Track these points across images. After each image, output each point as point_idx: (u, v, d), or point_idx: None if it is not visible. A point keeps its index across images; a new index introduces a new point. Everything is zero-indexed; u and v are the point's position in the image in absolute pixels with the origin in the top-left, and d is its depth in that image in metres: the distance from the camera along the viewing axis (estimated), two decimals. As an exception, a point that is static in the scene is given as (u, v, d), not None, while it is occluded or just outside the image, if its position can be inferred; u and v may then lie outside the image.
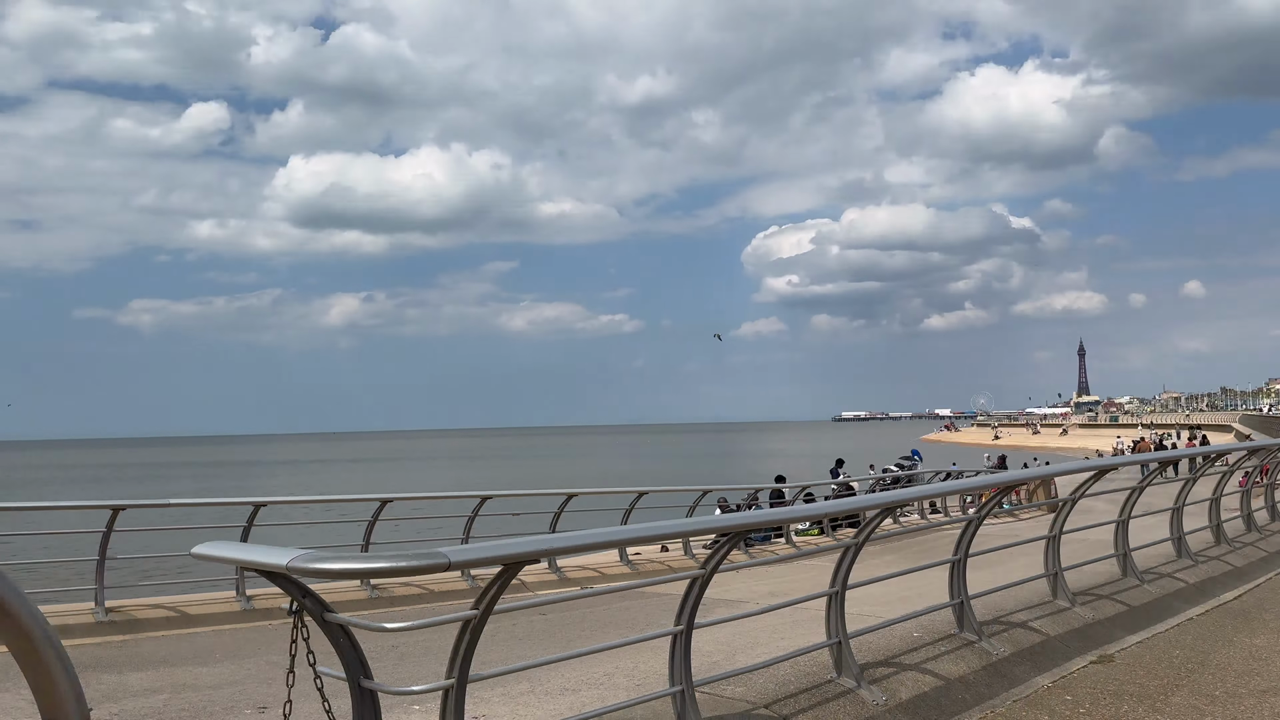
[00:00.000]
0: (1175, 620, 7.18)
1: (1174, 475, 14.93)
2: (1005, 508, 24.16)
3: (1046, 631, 6.46)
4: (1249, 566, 9.29)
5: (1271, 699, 5.31)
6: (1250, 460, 13.64)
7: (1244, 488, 12.30)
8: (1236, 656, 6.19)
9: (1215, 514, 10.27)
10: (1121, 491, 8.49)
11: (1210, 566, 8.92)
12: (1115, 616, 7.00)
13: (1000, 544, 8.30)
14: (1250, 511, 11.40)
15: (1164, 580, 8.12)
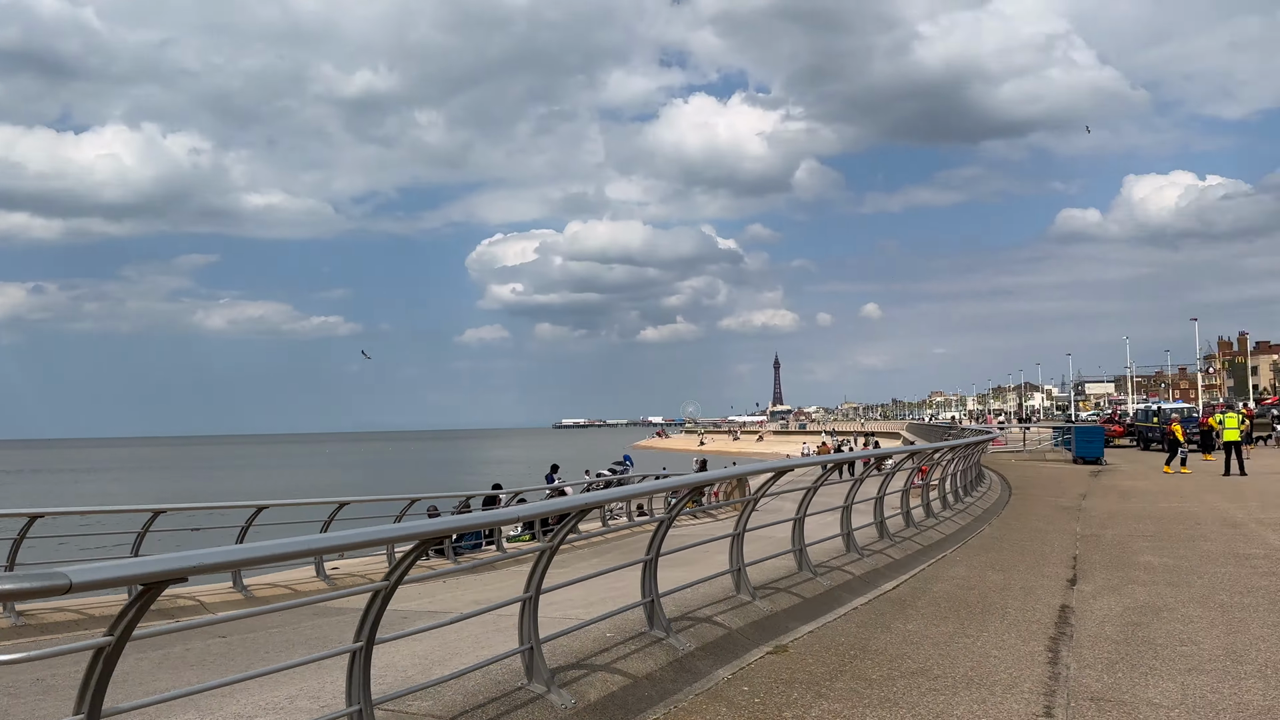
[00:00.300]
0: (843, 610, 7.78)
1: (849, 476, 16.37)
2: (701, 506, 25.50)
3: (729, 625, 6.76)
4: (906, 559, 10.30)
5: (919, 679, 5.85)
6: (910, 463, 15.24)
7: (905, 487, 13.66)
8: (893, 641, 6.79)
9: (879, 511, 11.29)
10: (803, 491, 9.12)
11: (874, 559, 9.79)
12: (791, 608, 7.47)
13: (695, 542, 8.62)
14: (909, 509, 12.68)
15: (834, 573, 8.79)
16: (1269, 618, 7.28)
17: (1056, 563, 10.46)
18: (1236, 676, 5.72)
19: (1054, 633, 7.06)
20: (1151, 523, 14.06)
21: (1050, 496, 19.12)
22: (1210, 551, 10.93)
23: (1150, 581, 9.09)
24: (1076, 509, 16.53)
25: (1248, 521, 13.67)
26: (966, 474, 19.31)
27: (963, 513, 14.96)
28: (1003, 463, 31.56)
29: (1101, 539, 12.41)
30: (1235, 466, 23.84)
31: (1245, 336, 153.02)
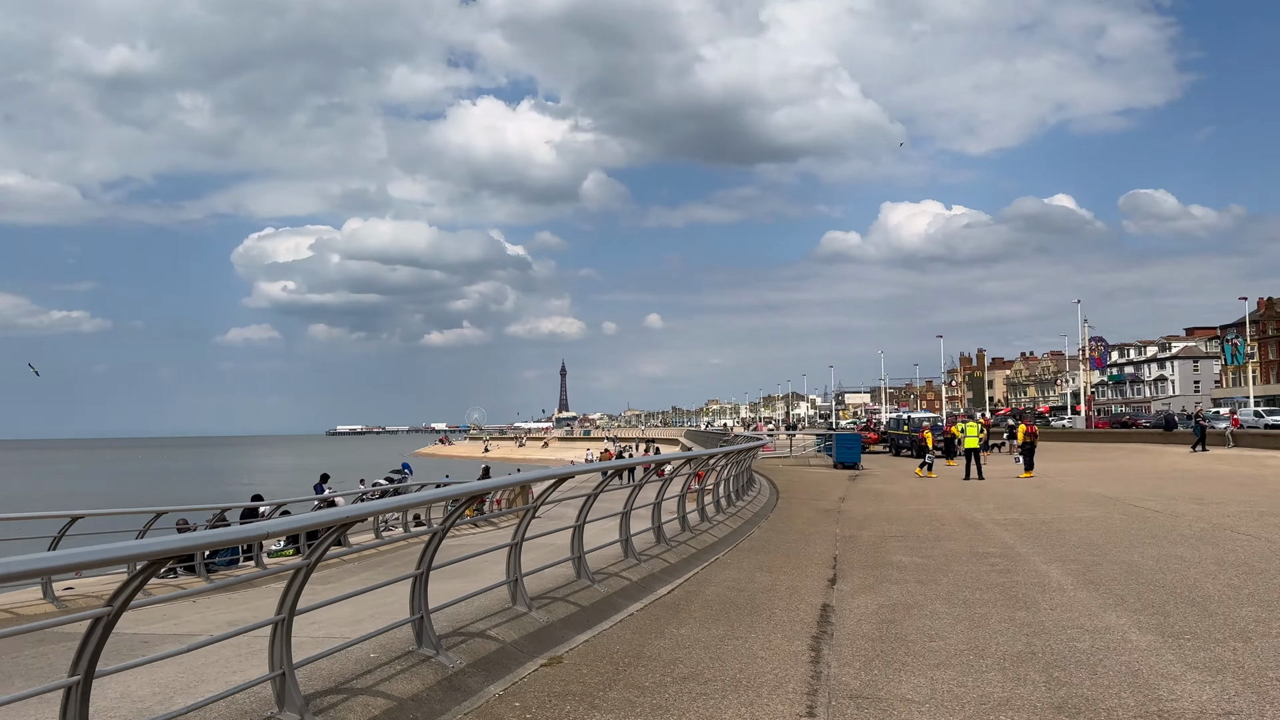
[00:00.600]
0: (619, 616, 7.74)
1: (630, 482, 16.53)
2: (483, 515, 25.04)
3: (503, 639, 6.54)
4: (682, 562, 10.46)
5: (690, 684, 5.87)
6: (687, 468, 15.59)
7: (682, 493, 13.92)
8: (667, 646, 6.80)
9: (657, 517, 11.44)
10: (584, 498, 9.04)
11: (651, 564, 9.86)
12: (567, 618, 7.35)
13: (474, 553, 8.34)
14: (685, 514, 12.94)
15: (612, 580, 8.76)
16: (1005, 612, 7.89)
17: (819, 563, 10.95)
18: (979, 670, 6.12)
19: (816, 632, 7.32)
20: (902, 524, 15.07)
21: (814, 500, 20.15)
22: (954, 550, 11.81)
23: (902, 580, 9.67)
24: (837, 512, 17.48)
25: (985, 522, 14.93)
26: (739, 479, 20.00)
27: (735, 516, 15.45)
28: (771, 468, 33.04)
29: (859, 540, 13.14)
30: (974, 472, 26.10)
31: (983, 353, 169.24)
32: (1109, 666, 6.05)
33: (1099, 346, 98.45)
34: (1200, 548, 11.18)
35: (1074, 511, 16.20)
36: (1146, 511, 15.70)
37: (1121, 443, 48.73)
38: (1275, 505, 15.94)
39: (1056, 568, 10.15)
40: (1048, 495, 19.77)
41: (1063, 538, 12.67)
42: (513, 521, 27.14)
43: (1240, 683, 5.55)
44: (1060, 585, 9.08)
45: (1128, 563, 10.30)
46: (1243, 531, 12.49)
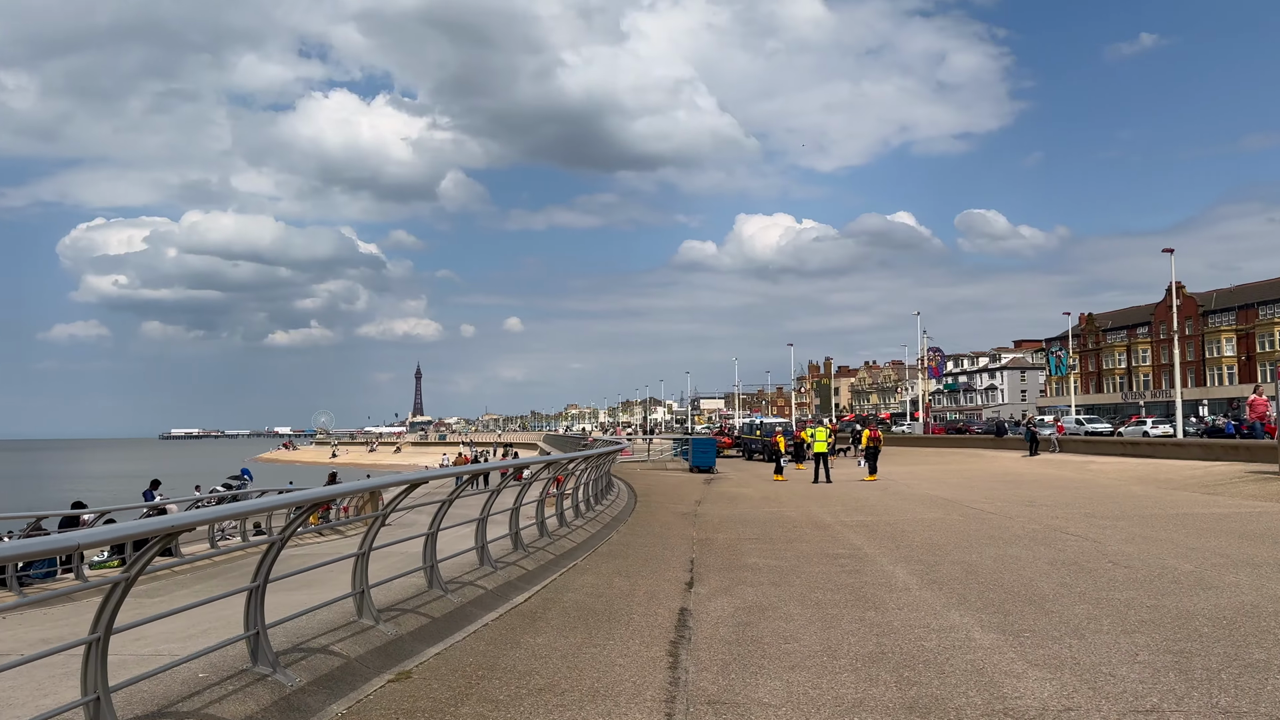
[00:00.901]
0: (473, 627, 7.46)
1: (487, 488, 16.17)
2: (329, 523, 24.08)
3: (348, 654, 6.17)
4: (540, 569, 10.24)
5: (546, 695, 5.68)
6: (546, 473, 15.36)
7: (540, 498, 13.68)
8: (522, 657, 6.58)
9: (515, 522, 11.15)
10: (437, 505, 8.70)
11: (508, 571, 9.60)
12: (418, 630, 7.02)
13: (318, 563, 7.89)
14: (544, 519, 12.70)
15: (467, 589, 8.46)
16: (856, 613, 8.04)
17: (676, 566, 10.95)
18: (833, 671, 6.18)
19: (674, 637, 7.26)
20: (756, 526, 15.31)
21: (671, 504, 20.27)
22: (806, 552, 12.04)
23: (757, 582, 9.75)
24: (693, 515, 17.62)
25: (834, 524, 15.33)
26: (598, 483, 19.91)
27: (594, 520, 15.33)
28: (630, 472, 33.17)
29: (715, 543, 13.24)
30: (823, 475, 26.91)
31: (830, 361, 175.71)
32: (955, 665, 6.22)
33: (936, 356, 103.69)
34: (1033, 548, 11.78)
35: (916, 513, 16.85)
36: (982, 513, 16.49)
37: (956, 448, 51.36)
38: (1099, 507, 17.03)
39: (902, 568, 10.47)
40: (891, 498, 20.54)
41: (907, 539, 13.12)
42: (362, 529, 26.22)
43: (1077, 679, 5.79)
44: (906, 585, 9.36)
45: (967, 563, 10.73)
46: (1071, 532, 13.25)
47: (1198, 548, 11.27)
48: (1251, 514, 14.87)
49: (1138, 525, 13.80)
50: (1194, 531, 12.85)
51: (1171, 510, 15.95)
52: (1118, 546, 11.61)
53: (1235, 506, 16.12)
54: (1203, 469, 23.57)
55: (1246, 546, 11.22)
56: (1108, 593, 8.57)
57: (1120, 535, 12.69)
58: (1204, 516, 14.75)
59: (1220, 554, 10.69)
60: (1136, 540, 12.14)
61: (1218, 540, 11.87)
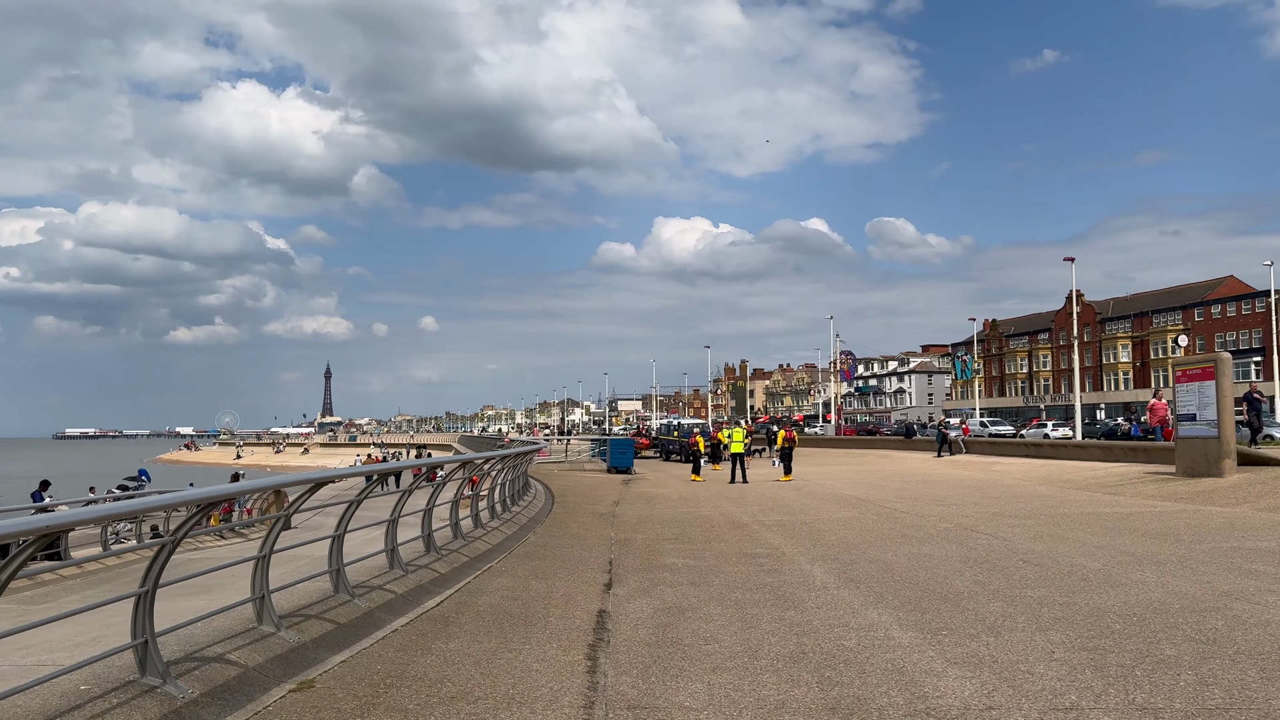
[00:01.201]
0: (382, 633, 7.14)
1: (398, 488, 15.71)
2: (231, 524, 23.19)
3: (245, 663, 5.80)
4: (453, 572, 9.92)
5: (459, 704, 5.42)
6: (461, 473, 15.05)
7: (455, 498, 13.34)
8: (433, 664, 6.30)
9: (427, 524, 10.81)
10: (345, 506, 8.33)
11: (420, 575, 9.26)
12: (322, 637, 6.67)
13: (212, 567, 7.46)
14: (458, 520, 12.38)
15: (376, 593, 8.11)
16: (775, 612, 7.96)
17: (594, 568, 10.75)
18: (754, 672, 6.06)
19: (593, 640, 7.06)
20: (675, 526, 15.21)
21: (589, 504, 20.06)
22: (724, 551, 11.96)
23: (676, 583, 9.62)
24: (611, 515, 17.44)
25: (752, 524, 15.33)
26: (515, 484, 19.59)
27: (510, 522, 15.02)
28: (547, 473, 32.84)
29: (633, 543, 13.09)
30: (740, 475, 27.02)
31: (745, 364, 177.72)
32: (876, 664, 6.16)
33: (848, 360, 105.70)
34: (946, 546, 11.92)
35: (831, 513, 16.98)
36: (895, 512, 16.70)
37: (868, 449, 52.34)
38: (1006, 506, 17.41)
39: (819, 567, 10.46)
40: (807, 498, 20.70)
41: (823, 538, 13.17)
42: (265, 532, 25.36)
43: (997, 677, 5.78)
44: (824, 584, 9.33)
45: (883, 561, 10.79)
46: (981, 531, 13.48)
47: (1104, 546, 11.55)
48: (1152, 513, 15.36)
49: (1044, 524, 14.12)
50: (1099, 530, 13.19)
51: (1076, 510, 16.39)
52: (1027, 545, 11.83)
53: (1136, 506, 16.66)
54: (1103, 470, 24.39)
55: (1150, 544, 11.54)
56: (1021, 590, 8.67)
57: (1028, 534, 12.95)
58: (1107, 516, 15.19)
59: (1125, 552, 10.97)
60: (1044, 539, 12.39)
61: (1122, 539, 12.19)
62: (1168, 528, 13.20)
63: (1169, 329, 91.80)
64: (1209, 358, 19.73)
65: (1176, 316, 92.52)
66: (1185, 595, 8.20)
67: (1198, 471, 19.42)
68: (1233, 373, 19.79)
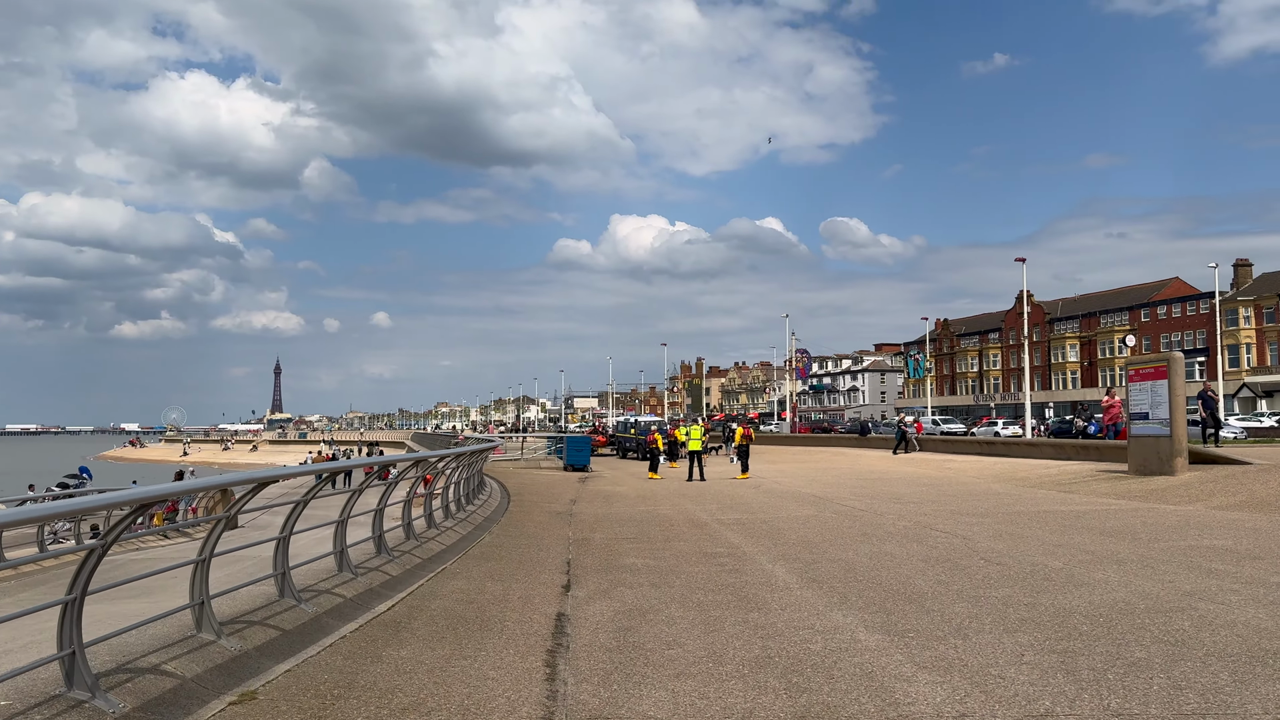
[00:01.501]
0: (329, 640, 6.81)
1: (348, 487, 15.29)
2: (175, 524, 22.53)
3: (182, 673, 5.46)
4: (406, 574, 9.59)
5: (411, 715, 5.14)
6: (414, 471, 14.64)
7: (407, 498, 12.98)
8: (384, 673, 6.00)
9: (378, 524, 10.46)
10: (292, 506, 7.97)
11: (371, 578, 8.93)
12: (266, 644, 6.33)
13: (149, 571, 7.08)
14: (410, 521, 12.02)
15: (323, 597, 7.78)
16: (739, 614, 7.76)
17: (552, 569, 10.49)
18: (720, 678, 5.85)
19: (552, 645, 6.82)
20: (633, 525, 14.99)
21: (545, 503, 19.77)
22: (684, 551, 11.76)
23: (636, 584, 9.39)
24: (569, 514, 17.18)
25: (711, 522, 15.16)
26: (469, 482, 19.23)
27: (465, 521, 14.69)
28: (503, 471, 32.45)
29: (591, 543, 12.84)
30: (697, 473, 26.89)
31: (701, 362, 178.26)
32: (844, 669, 5.99)
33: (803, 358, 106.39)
34: (906, 545, 11.84)
35: (790, 511, 16.88)
36: (854, 511, 16.64)
37: (823, 446, 52.60)
38: (963, 505, 17.44)
39: (781, 566, 10.30)
40: (765, 495, 20.60)
41: (783, 536, 13.03)
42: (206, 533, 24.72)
43: (969, 682, 5.63)
44: (787, 584, 9.16)
45: (844, 560, 10.66)
46: (940, 529, 13.43)
47: (1063, 544, 11.54)
48: (1107, 511, 15.47)
49: (1003, 522, 14.13)
50: (1057, 528, 13.21)
51: (1032, 507, 16.46)
52: (987, 543, 11.79)
53: (1091, 504, 16.77)
54: (1056, 468, 24.63)
55: (1109, 543, 11.56)
56: (984, 590, 8.58)
57: (988, 532, 12.92)
58: (1064, 514, 15.26)
59: (1085, 550, 10.96)
60: (1004, 537, 12.37)
61: (1081, 537, 12.20)
62: (1125, 526, 13.26)
63: (1116, 329, 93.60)
64: (1161, 357, 19.97)
65: (1123, 317, 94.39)
66: (1149, 595, 8.15)
67: (1150, 470, 19.66)
68: (1184, 372, 20.03)
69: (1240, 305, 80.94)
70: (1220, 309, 72.99)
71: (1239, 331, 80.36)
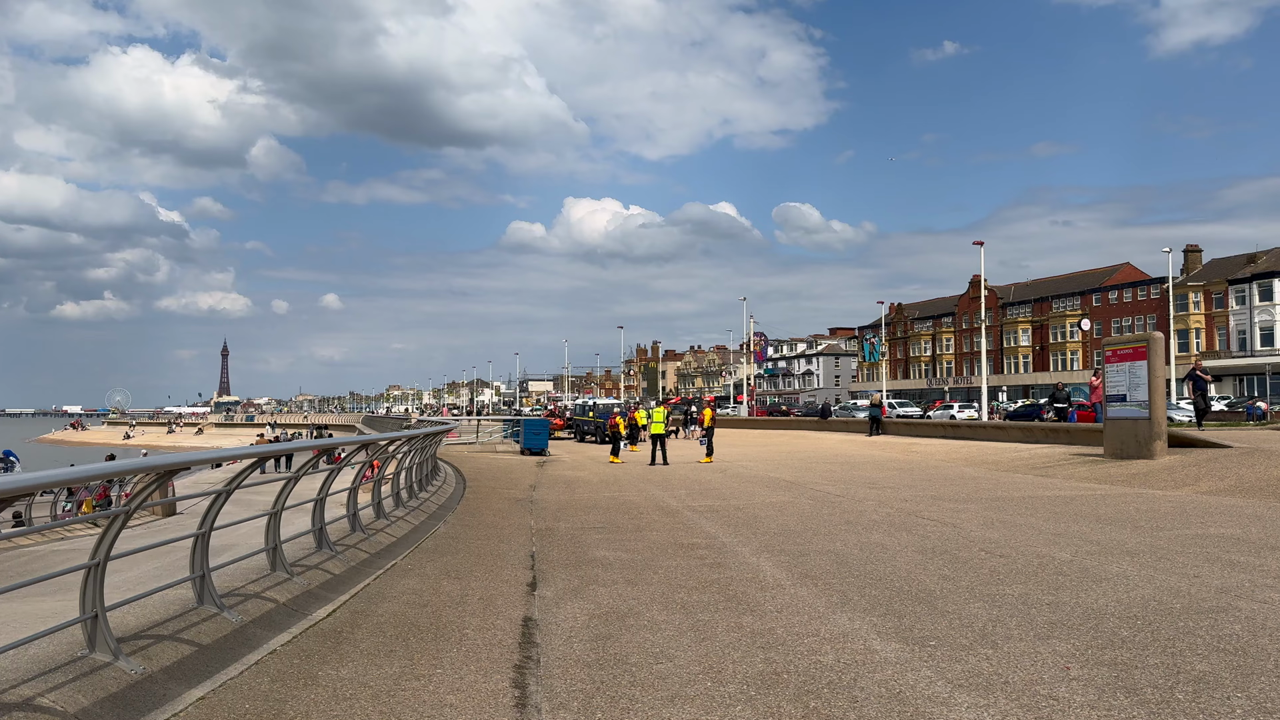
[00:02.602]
0: (256, 656, 5.76)
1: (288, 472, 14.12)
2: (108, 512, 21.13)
3: (63, 708, 4.40)
4: (350, 572, 8.54)
5: (349, 760, 4.14)
6: (364, 455, 13.53)
7: (353, 485, 11.91)
8: (321, 699, 4.98)
9: (319, 515, 9.36)
10: (214, 496, 6.88)
11: (309, 577, 7.87)
12: (177, 664, 5.27)
13: (59, 570, 5.96)
14: (356, 510, 10.97)
15: (252, 602, 6.71)
16: (731, 618, 6.85)
17: (515, 563, 9.51)
18: (722, 702, 4.92)
19: (519, 659, 5.84)
20: (599, 513, 14.04)
21: (504, 489, 18.74)
22: (658, 542, 10.85)
23: (610, 580, 8.45)
24: (529, 501, 16.19)
25: (683, 510, 14.25)
26: (422, 467, 18.18)
27: (417, 510, 13.63)
28: (457, 455, 31.33)
29: (556, 533, 11.88)
30: (660, 457, 26.01)
31: (657, 345, 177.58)
32: (867, 689, 5.09)
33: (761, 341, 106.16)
34: (895, 534, 11.03)
35: (764, 497, 16.04)
36: (830, 496, 15.85)
37: (782, 429, 52.11)
38: (941, 489, 16.73)
39: (767, 560, 9.42)
40: (734, 480, 19.77)
41: (761, 525, 12.18)
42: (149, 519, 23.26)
43: (1019, 706, 4.76)
44: (778, 581, 8.28)
45: (834, 552, 9.81)
46: (926, 516, 12.66)
47: (1062, 533, 10.81)
48: (1095, 497, 14.83)
49: (990, 509, 13.41)
50: (1048, 515, 12.51)
51: (1015, 493, 15.79)
52: (980, 532, 11.03)
53: (1075, 489, 16.15)
54: (1027, 451, 24.11)
55: (1111, 531, 10.84)
56: (997, 587, 7.76)
57: (977, 519, 12.18)
58: (1049, 499, 14.59)
59: (1089, 540, 10.22)
60: (996, 525, 11.62)
61: (1078, 525, 11.49)
62: (1120, 513, 12.59)
63: (1068, 314, 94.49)
64: (1141, 337, 19.42)
65: (1075, 302, 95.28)
66: (1180, 592, 7.39)
67: (1128, 454, 19.14)
68: (1165, 353, 19.50)
69: (1190, 290, 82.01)
70: (1171, 294, 73.79)
71: (1189, 316, 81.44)
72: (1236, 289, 79.77)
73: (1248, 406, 50.95)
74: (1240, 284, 79.54)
